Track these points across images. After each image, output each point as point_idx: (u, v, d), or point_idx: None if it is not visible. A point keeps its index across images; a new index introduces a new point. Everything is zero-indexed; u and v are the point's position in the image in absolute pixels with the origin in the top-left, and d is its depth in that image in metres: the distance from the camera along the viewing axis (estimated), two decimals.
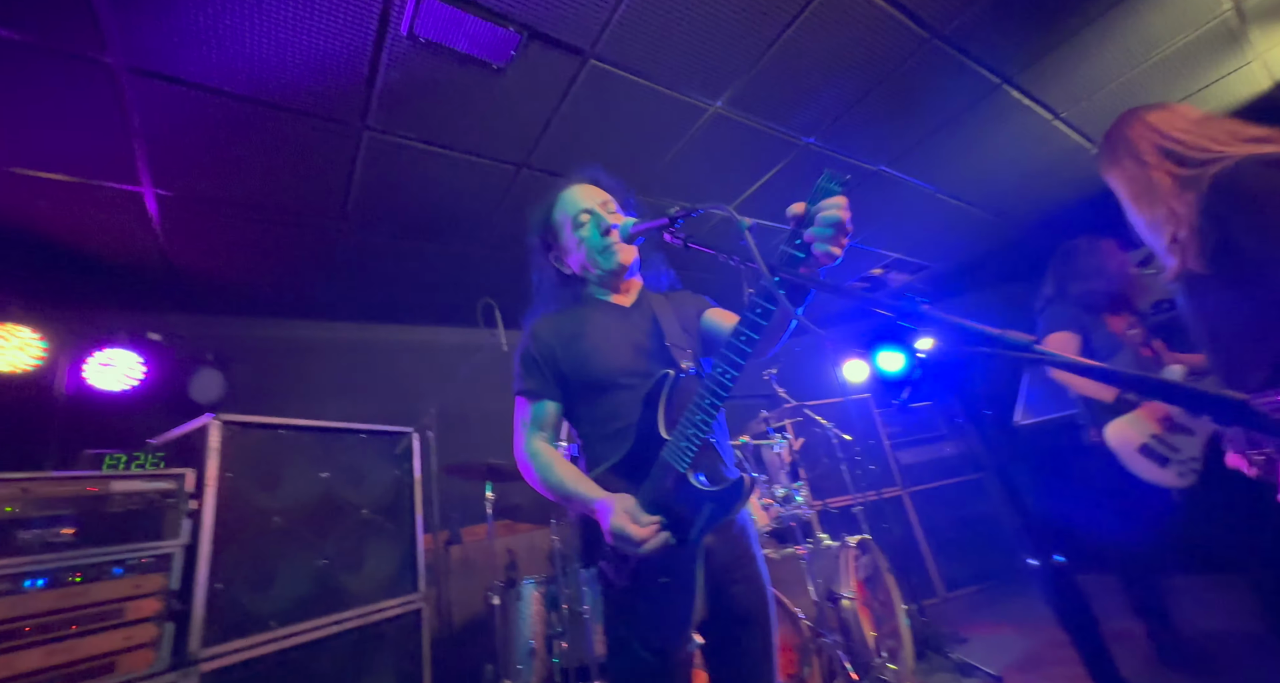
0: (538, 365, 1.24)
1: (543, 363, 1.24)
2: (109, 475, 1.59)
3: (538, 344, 1.26)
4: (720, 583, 1.10)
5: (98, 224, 2.19)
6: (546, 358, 1.24)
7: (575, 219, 1.28)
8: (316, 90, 1.80)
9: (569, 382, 1.23)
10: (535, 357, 1.25)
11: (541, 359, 1.24)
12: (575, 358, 1.22)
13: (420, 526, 2.47)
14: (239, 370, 2.71)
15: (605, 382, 1.20)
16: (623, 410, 1.16)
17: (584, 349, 1.22)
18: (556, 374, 1.24)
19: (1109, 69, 2.47)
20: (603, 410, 1.20)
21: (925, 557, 3.98)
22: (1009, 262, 4.44)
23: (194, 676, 1.60)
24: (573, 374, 1.22)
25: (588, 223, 1.27)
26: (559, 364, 1.23)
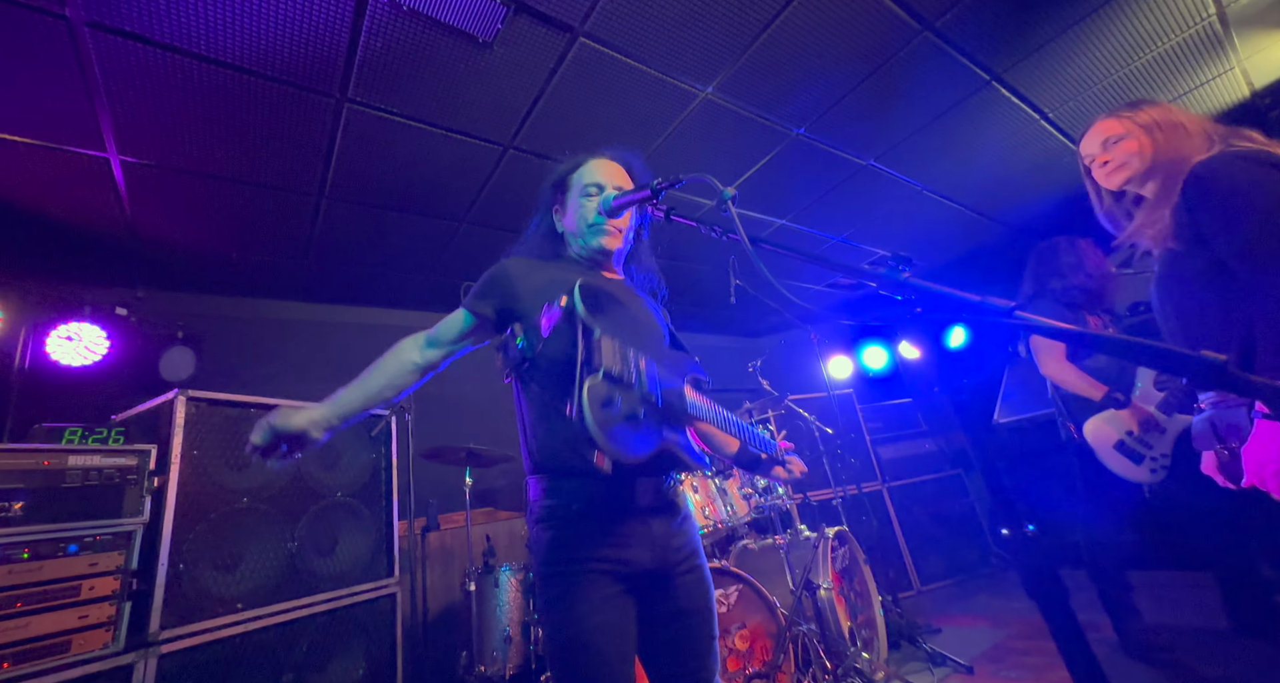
0: (500, 292, 1.16)
1: (501, 295, 1.16)
2: (66, 449, 1.53)
3: (509, 272, 1.17)
4: (669, 574, 1.07)
5: (62, 191, 2.10)
6: (507, 291, 1.15)
7: (585, 188, 1.24)
8: (295, 56, 1.73)
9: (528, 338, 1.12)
10: (506, 279, 1.16)
11: (503, 289, 1.16)
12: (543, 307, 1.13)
13: (396, 510, 2.43)
14: (210, 349, 2.64)
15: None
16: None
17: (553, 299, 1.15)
18: (505, 310, 1.15)
19: (1096, 70, 2.49)
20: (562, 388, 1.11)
21: (902, 550, 4.03)
22: (991, 262, 4.50)
23: (153, 656, 1.55)
24: (527, 317, 1.13)
25: (594, 197, 1.23)
26: (516, 303, 1.15)
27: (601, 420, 0.87)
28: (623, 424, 0.92)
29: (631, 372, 0.97)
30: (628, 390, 0.95)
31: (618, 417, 0.92)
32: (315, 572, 2.06)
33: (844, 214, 3.43)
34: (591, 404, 0.87)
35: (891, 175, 3.06)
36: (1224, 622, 2.30)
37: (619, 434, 0.90)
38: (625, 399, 0.94)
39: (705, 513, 2.58)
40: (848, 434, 4.16)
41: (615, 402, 0.92)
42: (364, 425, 2.40)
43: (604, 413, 0.89)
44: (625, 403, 0.94)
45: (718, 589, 2.23)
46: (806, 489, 3.94)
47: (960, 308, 0.53)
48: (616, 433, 0.90)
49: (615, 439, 0.89)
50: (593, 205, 1.21)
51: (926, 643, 2.69)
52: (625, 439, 0.91)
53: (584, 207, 1.23)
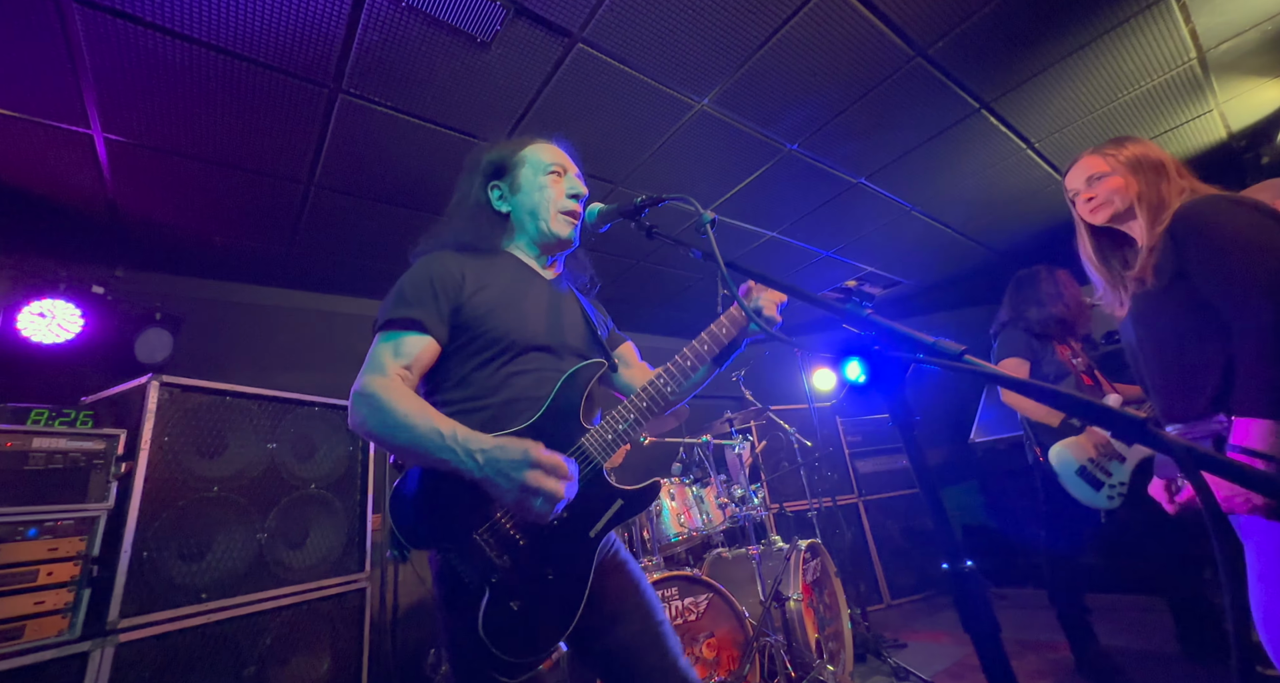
0: (434, 294, 1.01)
1: (442, 294, 1.02)
2: (30, 431, 1.50)
3: (442, 272, 1.04)
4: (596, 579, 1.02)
5: (42, 165, 2.06)
6: (449, 290, 1.03)
7: (545, 166, 1.15)
8: (289, 44, 1.72)
9: (462, 334, 1.03)
10: (434, 283, 1.02)
11: (441, 289, 1.02)
12: (486, 308, 1.04)
13: (370, 504, 2.41)
14: (189, 332, 2.59)
15: (515, 346, 1.03)
16: (525, 382, 1.02)
17: (499, 302, 1.05)
18: (453, 314, 1.02)
19: (1081, 104, 2.56)
20: (497, 377, 1.01)
21: (875, 564, 4.08)
22: (975, 283, 4.59)
23: (110, 645, 1.52)
24: (474, 326, 1.02)
25: (562, 179, 1.16)
26: (462, 308, 1.03)
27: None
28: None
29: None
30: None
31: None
32: (284, 564, 2.04)
33: (834, 229, 3.48)
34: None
35: (881, 194, 3.11)
36: (1175, 647, 2.36)
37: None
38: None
39: (680, 521, 2.60)
40: (826, 447, 4.21)
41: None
42: (341, 418, 2.38)
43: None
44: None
45: (689, 598, 2.25)
46: (783, 500, 3.98)
47: (914, 347, 0.56)
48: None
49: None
50: (561, 186, 1.15)
51: (891, 658, 2.74)
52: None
53: (548, 187, 1.14)
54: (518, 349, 1.03)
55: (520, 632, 0.87)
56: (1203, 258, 1.09)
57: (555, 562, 0.92)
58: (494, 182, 1.19)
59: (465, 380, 1.03)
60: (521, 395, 1.01)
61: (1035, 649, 2.74)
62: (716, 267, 0.79)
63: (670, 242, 0.92)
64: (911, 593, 4.11)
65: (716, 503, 2.71)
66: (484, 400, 1.01)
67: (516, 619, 0.87)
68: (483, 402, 1.01)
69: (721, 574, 2.60)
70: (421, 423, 0.88)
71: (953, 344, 0.54)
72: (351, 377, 0.97)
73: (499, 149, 1.20)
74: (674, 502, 2.62)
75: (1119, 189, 1.27)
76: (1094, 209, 1.32)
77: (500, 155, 1.19)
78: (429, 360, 1.02)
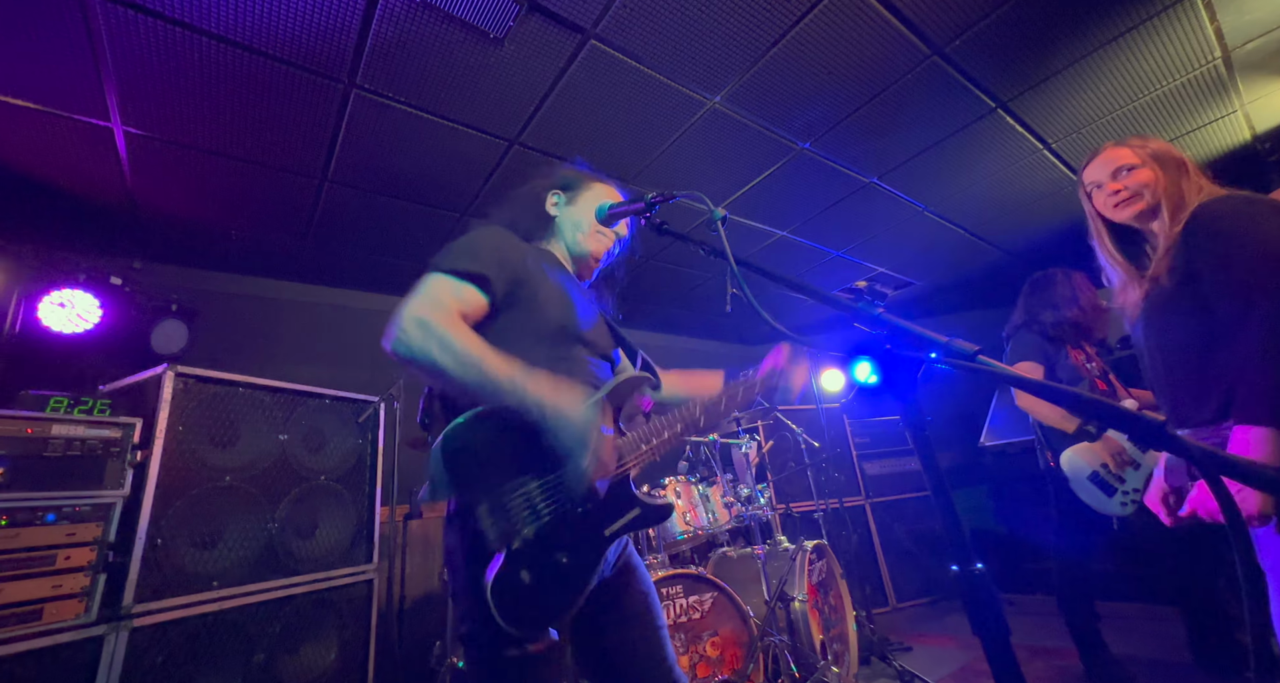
0: (499, 261, 1.00)
1: (506, 263, 1.01)
2: (50, 418, 1.53)
3: (509, 244, 1.04)
4: (606, 583, 1.05)
5: (63, 158, 2.10)
6: (514, 264, 1.01)
7: (602, 205, 1.20)
8: (305, 39, 1.74)
9: (517, 305, 1.01)
10: (500, 251, 1.02)
11: (508, 259, 1.01)
12: (543, 291, 1.03)
13: (379, 497, 2.44)
14: (204, 324, 2.63)
15: (566, 333, 1.03)
16: (569, 369, 1.01)
17: (553, 285, 1.05)
18: (511, 286, 1.00)
19: (1101, 104, 2.51)
20: (544, 359, 0.98)
21: (881, 566, 4.06)
22: (987, 285, 4.53)
23: (124, 630, 1.55)
24: (530, 300, 1.01)
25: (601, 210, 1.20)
26: (523, 282, 1.02)
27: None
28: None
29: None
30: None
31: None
32: (294, 554, 2.07)
33: (845, 229, 3.45)
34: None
35: (893, 194, 3.08)
36: (1187, 656, 2.33)
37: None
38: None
39: (686, 519, 2.60)
40: (834, 448, 4.18)
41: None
42: (352, 411, 2.41)
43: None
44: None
45: (693, 596, 2.25)
46: (789, 501, 3.97)
47: (927, 347, 0.55)
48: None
49: None
50: (598, 215, 1.19)
51: (896, 661, 2.72)
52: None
53: (591, 212, 1.21)
54: (568, 337, 1.04)
55: (523, 602, 0.87)
56: (1210, 258, 1.06)
57: (570, 547, 0.92)
58: (557, 189, 1.26)
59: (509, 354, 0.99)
60: (570, 379, 0.97)
61: (1043, 656, 2.71)
62: (726, 264, 0.79)
63: (680, 239, 0.92)
64: (918, 597, 4.08)
65: (722, 502, 2.70)
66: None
67: (522, 589, 0.87)
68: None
69: (726, 574, 2.59)
70: (488, 357, 0.87)
71: (967, 344, 0.53)
72: (359, 370, 0.98)
73: (578, 174, 1.29)
74: (680, 500, 2.62)
75: (1149, 183, 1.22)
76: (1121, 203, 1.26)
77: (575, 178, 1.27)
78: (478, 318, 0.99)
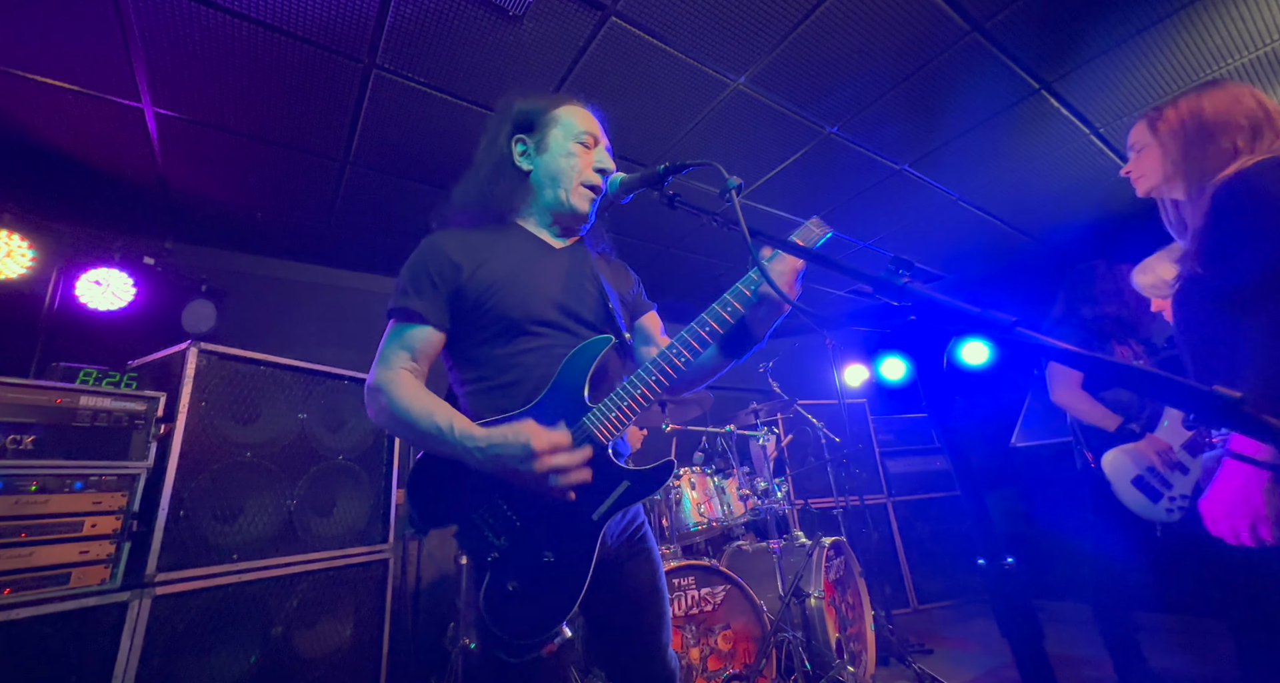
0: (432, 283, 1.01)
1: (439, 282, 1.01)
2: (78, 389, 1.58)
3: (438, 258, 1.02)
4: (613, 559, 1.03)
5: (98, 139, 2.16)
6: (446, 277, 1.01)
7: (578, 133, 1.10)
8: (325, 17, 1.74)
9: (466, 314, 1.02)
10: (431, 272, 1.01)
11: (439, 277, 1.01)
12: (487, 286, 1.01)
13: (396, 478, 2.46)
14: (232, 304, 2.69)
15: (521, 324, 1.01)
16: (532, 361, 1.00)
17: (502, 278, 1.02)
18: (452, 299, 1.02)
19: (1155, 86, 2.35)
20: (504, 356, 1.01)
21: (902, 566, 3.96)
22: (1023, 279, 4.34)
23: (147, 597, 1.60)
24: (477, 306, 1.01)
25: (591, 150, 1.11)
26: (462, 290, 1.01)
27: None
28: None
29: None
30: None
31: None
32: (311, 531, 2.10)
33: (872, 219, 3.34)
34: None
35: (925, 182, 2.96)
36: (1234, 673, 2.19)
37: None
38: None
39: (701, 510, 2.56)
40: (855, 444, 4.08)
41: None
42: None
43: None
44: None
45: (705, 588, 2.22)
46: (808, 496, 3.89)
47: (956, 318, 0.50)
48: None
49: None
50: (590, 157, 1.10)
51: (916, 663, 2.64)
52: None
53: (575, 155, 1.09)
54: (524, 326, 1.01)
55: (517, 613, 0.88)
56: (1240, 235, 0.95)
57: (555, 544, 0.90)
58: (520, 135, 1.13)
59: (476, 360, 1.04)
60: (527, 375, 1.00)
61: (1075, 666, 2.59)
62: (744, 243, 0.74)
63: (693, 210, 0.87)
64: (940, 599, 3.96)
65: (738, 495, 2.66)
66: (494, 380, 1.02)
67: (513, 600, 0.88)
68: (493, 381, 1.02)
69: (741, 567, 2.55)
70: (423, 419, 0.91)
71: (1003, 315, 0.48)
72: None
73: (532, 101, 1.14)
74: (695, 491, 2.58)
75: (1154, 163, 1.15)
76: (1134, 183, 1.22)
77: (533, 108, 1.13)
78: (435, 349, 1.04)
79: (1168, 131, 1.13)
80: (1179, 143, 1.11)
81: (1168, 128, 1.14)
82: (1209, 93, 1.13)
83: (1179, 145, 1.10)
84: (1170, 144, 1.12)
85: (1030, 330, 0.48)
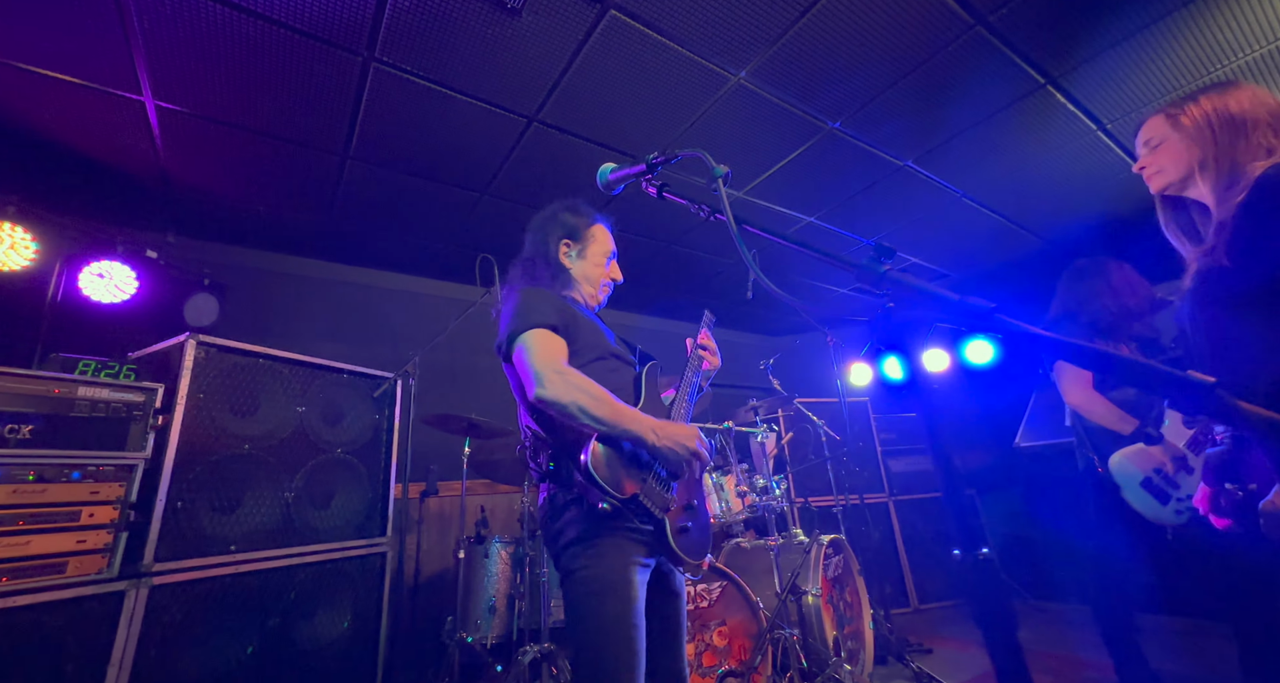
0: (556, 311, 1.31)
1: (558, 313, 1.31)
2: (76, 380, 1.59)
3: (555, 299, 1.36)
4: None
5: (100, 132, 2.17)
6: (561, 312, 1.32)
7: (607, 252, 1.53)
8: (323, 9, 1.73)
9: (575, 344, 1.33)
10: (552, 305, 1.32)
11: (557, 310, 1.31)
12: (576, 327, 1.34)
13: (394, 471, 2.47)
14: (235, 298, 2.71)
15: (608, 353, 1.37)
16: (614, 379, 1.32)
17: (583, 324, 1.38)
18: (565, 328, 1.31)
19: (1164, 80, 2.32)
20: (595, 373, 1.28)
21: (903, 566, 3.94)
22: (1026, 277, 4.30)
23: (144, 587, 1.61)
24: (575, 338, 1.32)
25: (610, 267, 1.54)
26: (568, 325, 1.32)
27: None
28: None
29: None
30: None
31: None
32: (309, 523, 2.11)
33: (875, 216, 3.31)
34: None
35: (928, 179, 2.93)
36: (1236, 676, 2.16)
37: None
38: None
39: None
40: (856, 442, 4.06)
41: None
42: (368, 386, 2.44)
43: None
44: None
45: (701, 584, 2.21)
46: (808, 495, 3.87)
47: (936, 305, 0.49)
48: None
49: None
50: (611, 271, 1.53)
51: (915, 662, 2.63)
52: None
53: (603, 267, 1.52)
54: (606, 355, 1.37)
55: (694, 542, 1.28)
56: (1273, 226, 0.93)
57: (694, 497, 1.35)
58: (567, 240, 1.50)
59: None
60: (618, 386, 1.29)
61: (1077, 668, 2.57)
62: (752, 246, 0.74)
63: (680, 200, 0.87)
64: (940, 599, 3.94)
65: (736, 492, 2.65)
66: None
67: (690, 534, 1.27)
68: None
69: (739, 564, 2.54)
70: (625, 409, 1.20)
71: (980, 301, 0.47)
72: (385, 350, 1.04)
73: (575, 217, 1.52)
74: None
75: (1175, 157, 1.13)
76: (1149, 178, 1.20)
77: (575, 223, 1.52)
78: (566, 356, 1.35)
79: (1194, 126, 1.11)
80: (1209, 136, 1.09)
81: (1194, 122, 1.11)
82: (1231, 91, 1.12)
83: (1210, 138, 1.08)
84: (1199, 137, 1.10)
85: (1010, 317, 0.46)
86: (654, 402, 1.38)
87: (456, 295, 3.74)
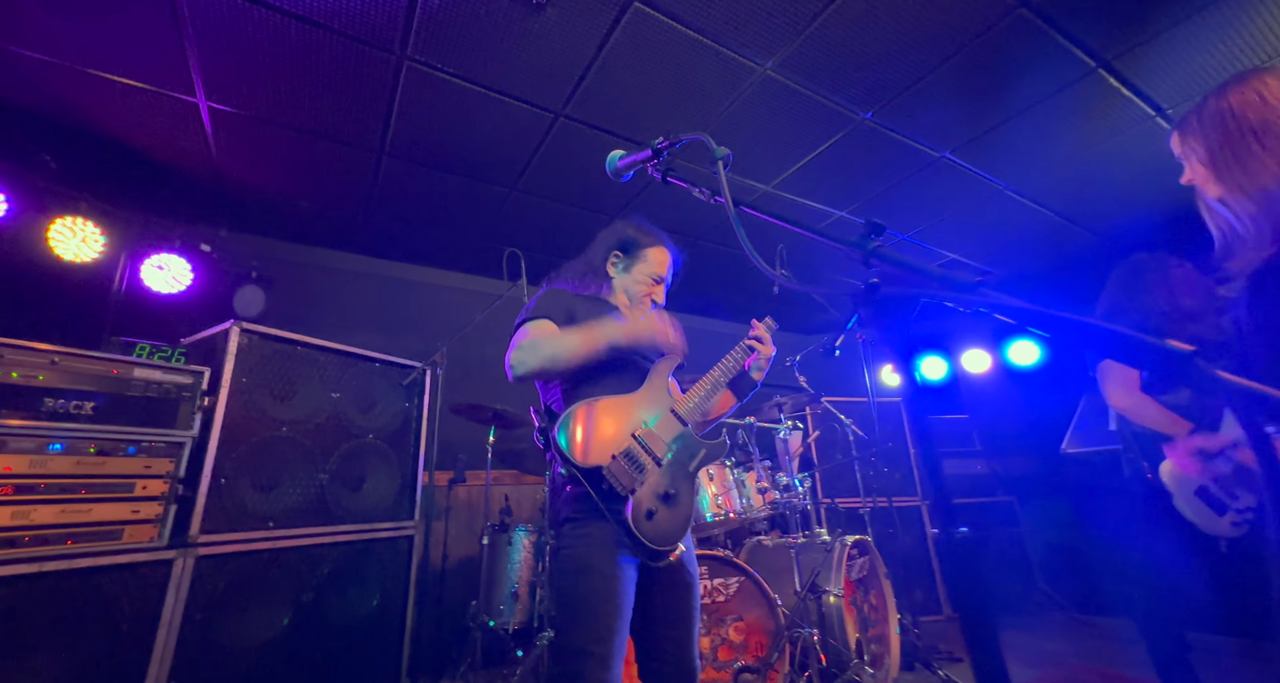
0: (554, 304, 1.40)
1: (559, 309, 1.39)
2: (132, 361, 1.72)
3: (559, 297, 1.44)
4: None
5: (159, 132, 2.32)
6: (564, 308, 1.40)
7: (655, 275, 1.54)
8: (358, 10, 1.80)
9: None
10: (551, 301, 1.41)
11: (558, 306, 1.40)
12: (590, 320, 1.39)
13: (422, 459, 2.56)
14: (279, 290, 2.86)
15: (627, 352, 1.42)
16: (618, 369, 1.37)
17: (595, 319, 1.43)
18: (565, 322, 1.38)
19: (1228, 62, 2.15)
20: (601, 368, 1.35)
21: (935, 572, 3.80)
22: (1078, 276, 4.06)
23: (191, 556, 1.73)
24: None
25: (657, 288, 1.56)
26: (571, 319, 1.39)
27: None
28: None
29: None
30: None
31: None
32: (342, 505, 2.21)
33: (912, 211, 3.20)
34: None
35: (969, 171, 2.81)
36: None
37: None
38: None
39: (718, 502, 2.53)
40: (884, 443, 3.94)
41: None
42: (398, 374, 2.53)
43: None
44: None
45: (718, 578, 2.20)
46: (835, 495, 3.79)
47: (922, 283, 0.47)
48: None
49: None
50: (654, 293, 1.55)
51: (943, 670, 2.54)
52: None
53: (645, 287, 1.53)
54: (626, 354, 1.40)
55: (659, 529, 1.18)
56: None
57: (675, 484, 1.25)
58: (617, 251, 1.55)
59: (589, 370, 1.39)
60: (623, 376, 1.37)
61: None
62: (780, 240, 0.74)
63: (683, 184, 0.87)
64: None
65: (757, 488, 2.61)
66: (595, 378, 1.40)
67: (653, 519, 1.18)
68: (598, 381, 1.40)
69: (759, 561, 2.52)
70: (586, 329, 1.30)
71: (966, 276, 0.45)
72: (416, 341, 1.10)
73: (637, 233, 1.57)
74: (713, 483, 2.56)
75: (1197, 179, 1.13)
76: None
77: (634, 239, 1.56)
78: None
79: (1206, 144, 1.10)
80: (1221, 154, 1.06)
81: (1203, 138, 1.10)
82: (1228, 92, 1.08)
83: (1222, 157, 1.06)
84: (1211, 162, 1.08)
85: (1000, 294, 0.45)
86: (657, 389, 1.36)
87: (484, 289, 3.83)
